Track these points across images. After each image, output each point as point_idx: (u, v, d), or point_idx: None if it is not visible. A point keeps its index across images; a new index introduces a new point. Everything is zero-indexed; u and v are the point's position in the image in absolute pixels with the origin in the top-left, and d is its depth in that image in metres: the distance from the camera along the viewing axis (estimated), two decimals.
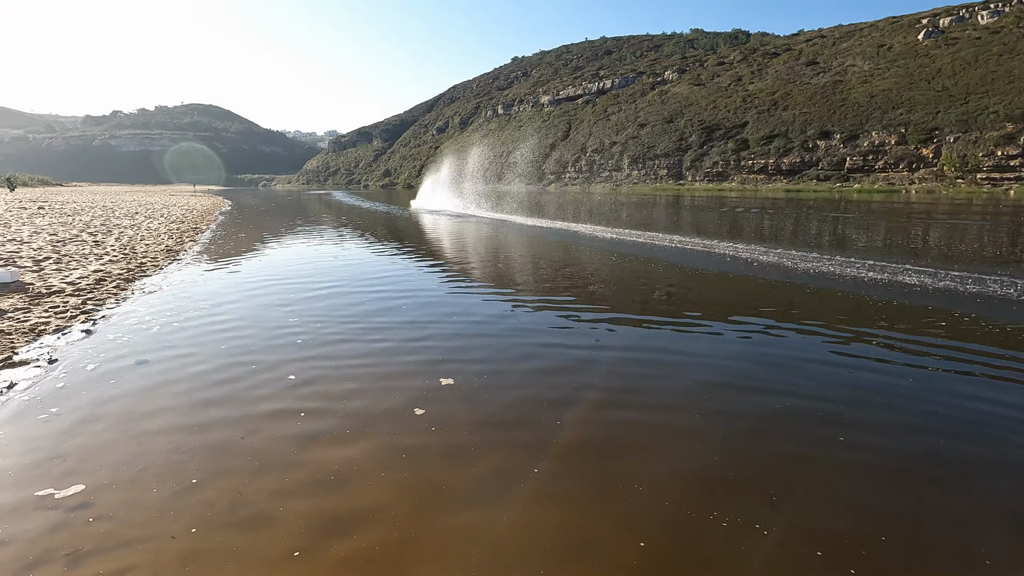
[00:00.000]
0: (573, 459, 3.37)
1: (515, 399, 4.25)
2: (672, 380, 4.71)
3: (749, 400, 4.27)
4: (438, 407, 4.06)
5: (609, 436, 3.67)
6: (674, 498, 2.95)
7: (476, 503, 2.92)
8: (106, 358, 5.06)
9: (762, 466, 3.30)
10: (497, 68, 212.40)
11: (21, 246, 11.47)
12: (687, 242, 14.32)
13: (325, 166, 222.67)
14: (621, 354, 5.39)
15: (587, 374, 4.81)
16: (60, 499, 2.87)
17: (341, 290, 8.47)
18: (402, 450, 3.44)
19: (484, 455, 3.40)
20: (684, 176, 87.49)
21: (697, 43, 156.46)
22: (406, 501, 2.92)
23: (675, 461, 3.35)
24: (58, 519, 2.71)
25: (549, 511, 2.85)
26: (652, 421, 3.90)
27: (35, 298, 7.09)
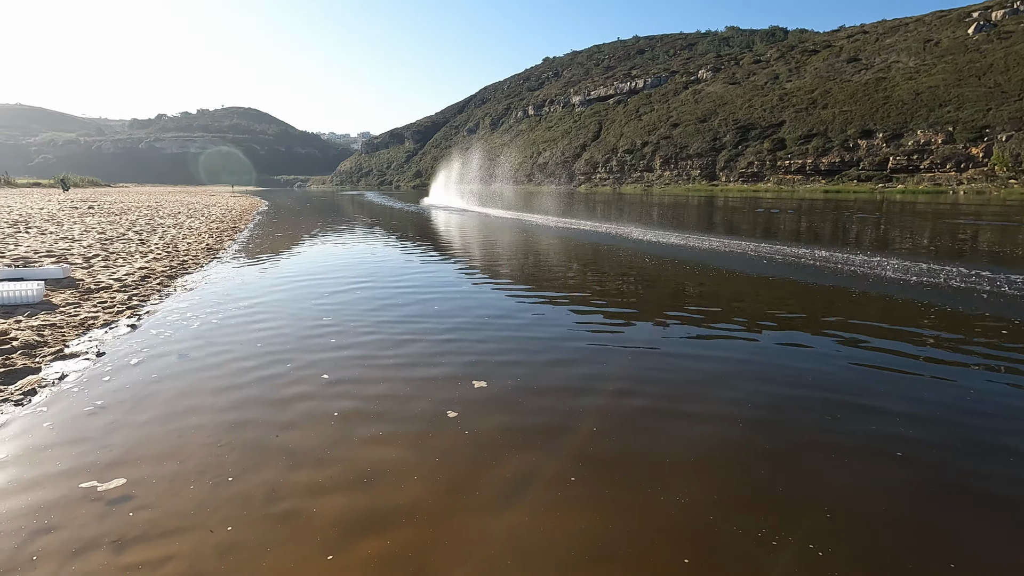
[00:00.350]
0: (606, 466, 3.31)
1: (546, 401, 4.22)
2: (707, 386, 4.60)
3: (791, 408, 4.14)
4: (469, 408, 4.06)
5: (642, 442, 3.60)
6: (708, 509, 2.87)
7: (507, 506, 2.89)
8: (149, 352, 5.24)
9: (806, 481, 3.19)
10: (528, 69, 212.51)
11: (72, 244, 12.00)
12: (721, 243, 14.03)
13: (358, 167, 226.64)
14: (655, 358, 5.29)
15: (621, 380, 4.73)
16: (105, 489, 2.97)
17: (372, 287, 8.58)
18: (433, 450, 3.45)
19: (516, 458, 3.37)
20: (717, 177, 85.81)
21: (732, 41, 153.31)
22: (436, 501, 2.92)
23: (710, 471, 3.27)
24: (103, 508, 2.80)
25: (579, 517, 2.81)
26: (686, 428, 3.81)
27: (85, 293, 7.39)
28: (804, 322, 6.60)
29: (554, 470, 3.23)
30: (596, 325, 6.54)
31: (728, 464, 3.32)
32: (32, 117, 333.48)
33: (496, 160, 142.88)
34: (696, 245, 13.99)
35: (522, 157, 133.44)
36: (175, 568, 2.39)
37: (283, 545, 2.56)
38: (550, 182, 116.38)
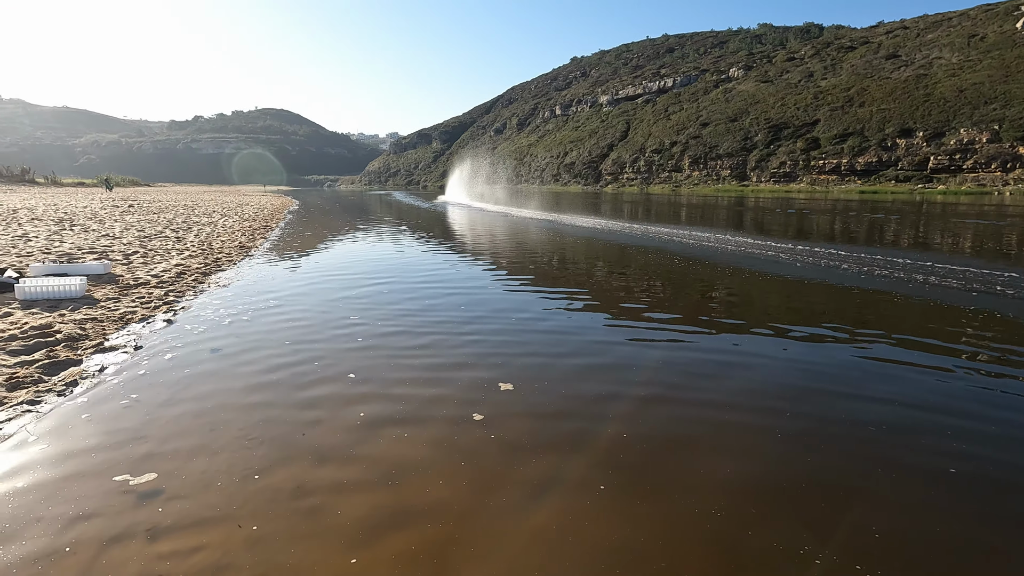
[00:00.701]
0: (633, 472, 3.26)
1: (573, 405, 4.19)
2: (738, 392, 4.50)
3: (817, 409, 4.02)
4: (495, 410, 4.05)
5: (671, 449, 3.54)
6: (738, 519, 2.80)
7: (531, 508, 2.87)
8: (183, 347, 5.38)
9: (842, 495, 3.08)
10: (556, 69, 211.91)
11: (113, 241, 12.44)
12: (752, 244, 13.73)
13: (386, 167, 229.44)
14: (685, 362, 5.20)
15: (650, 384, 4.66)
16: (139, 480, 3.05)
17: (398, 285, 8.66)
18: (457, 448, 3.45)
19: (541, 461, 3.35)
20: (748, 177, 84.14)
21: (765, 38, 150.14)
22: (460, 499, 2.92)
23: (741, 480, 3.19)
24: (137, 499, 2.88)
25: (604, 522, 2.77)
26: (715, 435, 3.73)
27: (124, 289, 7.64)
28: (838, 327, 6.40)
29: (580, 475, 3.19)
30: (623, 326, 6.46)
31: (760, 473, 3.24)
32: (77, 119, 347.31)
33: (522, 160, 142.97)
34: (725, 246, 13.72)
35: (549, 157, 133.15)
36: (205, 558, 2.44)
37: (309, 540, 2.59)
38: (576, 182, 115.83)
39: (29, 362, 4.64)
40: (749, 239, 15.14)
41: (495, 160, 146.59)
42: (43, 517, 2.71)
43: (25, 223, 15.68)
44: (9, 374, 4.34)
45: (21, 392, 4.09)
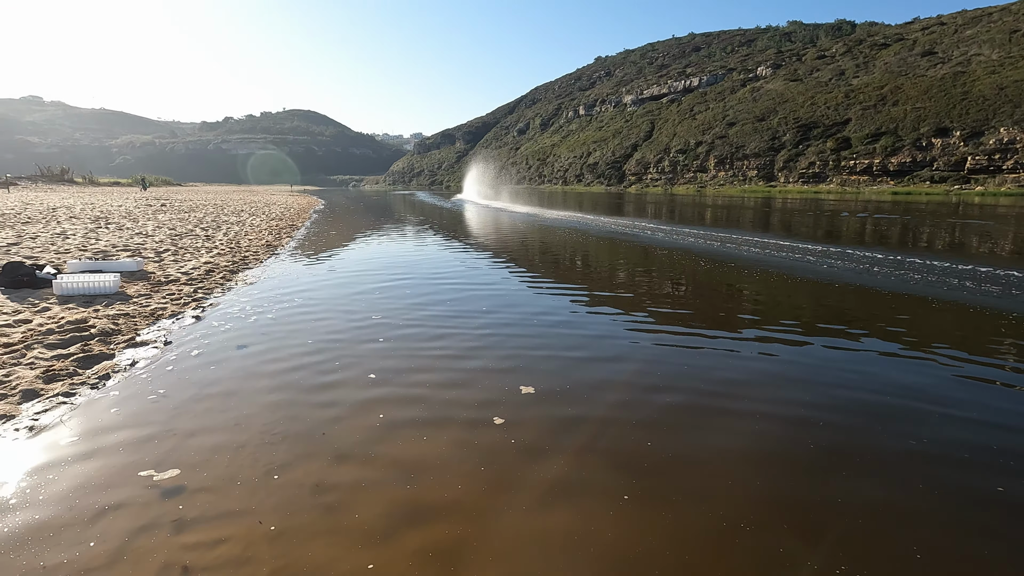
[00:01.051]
0: (654, 478, 3.23)
1: (592, 407, 4.17)
2: (765, 399, 4.41)
3: (851, 420, 3.91)
4: (513, 410, 4.06)
5: (695, 458, 3.49)
6: (761, 527, 2.75)
7: (548, 511, 2.86)
8: (211, 343, 5.51)
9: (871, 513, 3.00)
10: (580, 68, 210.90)
11: (146, 239, 12.80)
12: (779, 245, 13.46)
13: (410, 167, 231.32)
14: (713, 369, 5.12)
15: (678, 392, 4.60)
16: (166, 474, 3.14)
17: (419, 285, 8.71)
18: (476, 448, 3.46)
19: (559, 463, 3.34)
20: (776, 177, 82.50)
21: (795, 36, 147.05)
22: (478, 499, 2.92)
23: (765, 489, 3.13)
24: (164, 490, 2.96)
25: (622, 526, 2.75)
26: (741, 442, 3.67)
27: (155, 285, 7.86)
28: (873, 331, 6.23)
29: (598, 481, 3.17)
30: (647, 330, 6.39)
31: (788, 486, 3.17)
32: (114, 121, 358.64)
33: (545, 161, 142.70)
34: (752, 248, 13.48)
35: (572, 157, 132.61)
36: (228, 550, 2.50)
37: (328, 536, 2.62)
38: (599, 183, 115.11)
39: (65, 355, 4.81)
40: (777, 240, 14.84)
41: (505, 163, 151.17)
42: (75, 506, 2.81)
43: (63, 221, 16.25)
44: (46, 367, 4.50)
45: (57, 384, 4.24)
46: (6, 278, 7.09)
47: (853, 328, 6.37)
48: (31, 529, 2.62)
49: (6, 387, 4.08)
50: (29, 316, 5.88)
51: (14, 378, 4.24)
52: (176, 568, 2.38)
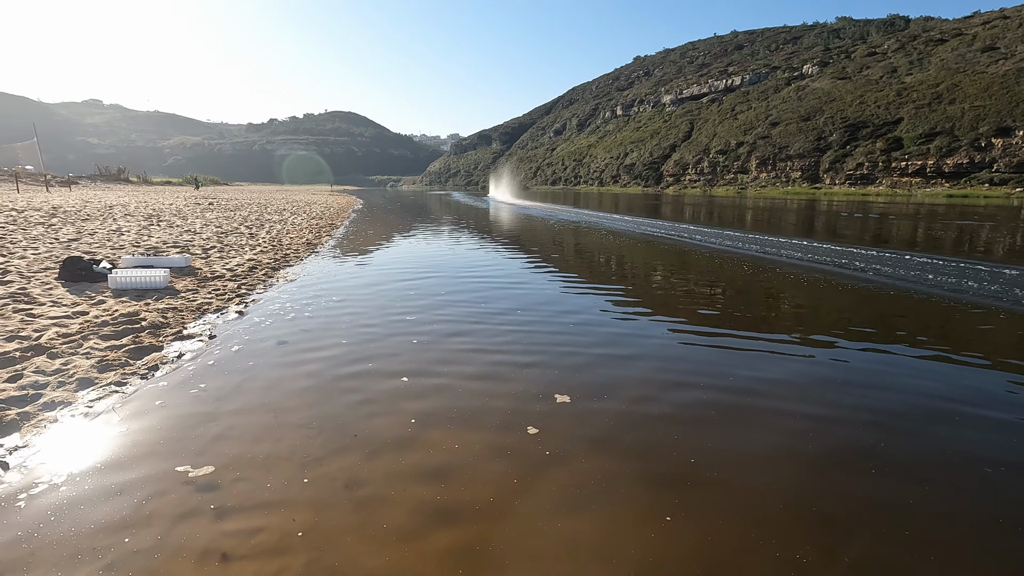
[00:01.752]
0: (690, 489, 3.16)
1: (631, 420, 4.11)
2: (805, 412, 4.27)
3: (910, 435, 3.75)
4: (546, 410, 4.05)
5: (737, 472, 3.41)
6: (798, 544, 2.66)
7: (577, 512, 2.84)
8: (253, 337, 5.69)
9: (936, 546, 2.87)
10: (617, 69, 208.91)
11: (194, 236, 13.33)
12: (824, 249, 13.00)
13: (446, 168, 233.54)
14: (758, 380, 4.99)
15: (709, 396, 4.51)
16: (209, 462, 3.25)
17: (454, 285, 8.78)
18: (506, 449, 3.47)
19: (591, 464, 3.31)
20: (821, 179, 79.75)
21: (844, 32, 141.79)
22: (506, 501, 2.93)
23: (807, 505, 3.03)
24: (208, 479, 3.07)
25: (653, 534, 2.70)
26: (783, 457, 3.56)
27: (202, 281, 8.17)
28: (925, 343, 5.95)
29: (631, 486, 3.13)
30: (689, 338, 6.27)
31: (833, 503, 3.06)
32: (166, 122, 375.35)
33: (581, 162, 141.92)
34: (797, 252, 13.06)
35: (608, 158, 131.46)
36: (266, 539, 2.57)
37: (360, 530, 2.67)
38: (636, 184, 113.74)
39: (118, 346, 5.05)
40: (825, 245, 14.34)
41: (541, 164, 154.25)
42: (124, 490, 2.94)
43: (119, 218, 17.08)
44: (100, 356, 4.74)
45: (110, 374, 4.45)
46: (67, 272, 7.49)
47: (902, 335, 6.09)
48: (82, 512, 2.76)
49: (64, 375, 4.31)
50: (86, 308, 6.20)
51: (72, 367, 4.48)
52: (216, 554, 2.46)
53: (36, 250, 9.77)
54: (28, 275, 7.61)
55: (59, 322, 5.59)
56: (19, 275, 7.57)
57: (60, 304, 6.29)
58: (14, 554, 2.45)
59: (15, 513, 2.73)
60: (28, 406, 3.77)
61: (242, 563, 2.42)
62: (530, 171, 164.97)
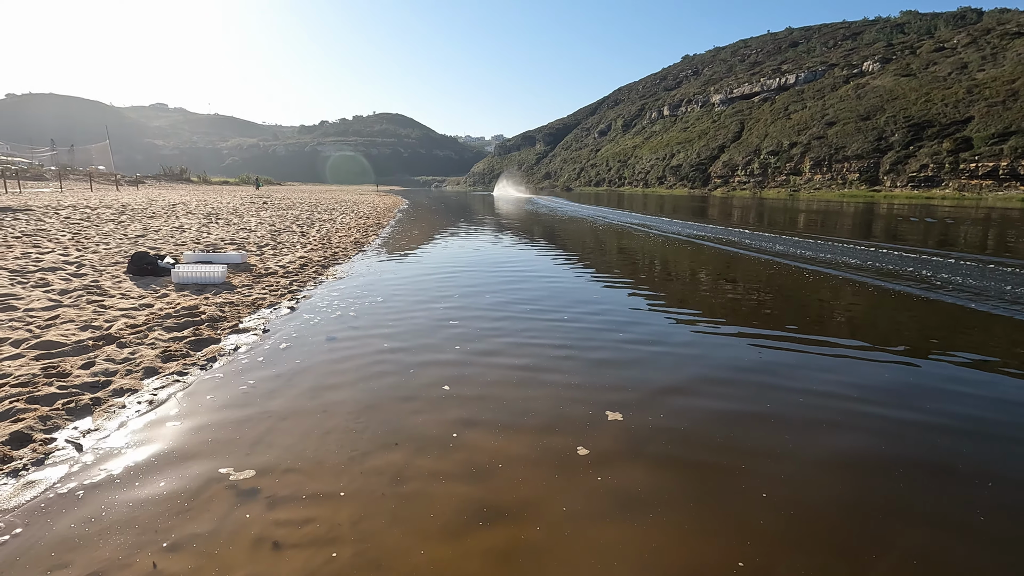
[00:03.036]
0: (740, 497, 3.06)
1: (676, 419, 4.03)
2: (871, 430, 4.08)
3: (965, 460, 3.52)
4: (591, 414, 4.01)
5: (804, 496, 3.28)
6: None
7: (619, 519, 2.80)
8: (303, 332, 5.88)
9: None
10: (665, 68, 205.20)
11: (249, 234, 13.90)
12: (884, 255, 12.37)
13: (490, 168, 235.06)
14: (825, 397, 4.81)
15: (783, 428, 4.36)
16: (263, 451, 3.38)
17: (496, 286, 8.81)
18: (551, 450, 3.45)
19: (637, 471, 3.26)
20: (880, 181, 75.93)
21: (908, 27, 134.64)
22: (550, 503, 2.91)
23: (869, 543, 2.88)
24: (260, 469, 3.19)
25: (701, 547, 2.63)
26: (848, 485, 3.41)
27: (256, 277, 8.51)
28: (979, 361, 5.57)
29: (676, 494, 3.06)
30: (751, 351, 6.09)
31: (890, 532, 2.91)
32: (225, 125, 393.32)
33: (626, 163, 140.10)
34: (865, 260, 12.49)
35: (654, 159, 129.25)
36: (315, 530, 2.65)
37: (405, 524, 2.71)
38: (683, 185, 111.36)
39: (179, 338, 5.31)
40: (902, 252, 13.65)
41: (584, 165, 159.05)
42: (184, 475, 3.09)
43: (181, 216, 17.99)
44: (164, 347, 5.00)
45: (172, 364, 4.69)
46: (134, 266, 7.95)
47: (973, 351, 5.72)
48: (146, 494, 2.91)
49: (132, 364, 4.57)
50: (151, 301, 6.55)
51: (138, 356, 4.74)
52: (268, 542, 2.55)
53: (107, 245, 10.40)
54: (100, 268, 8.12)
55: (127, 313, 5.93)
56: (92, 268, 8.07)
57: (128, 296, 6.68)
58: (86, 530, 2.61)
59: (86, 492, 2.91)
60: (99, 392, 4.02)
61: (293, 551, 2.50)
62: (574, 172, 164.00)
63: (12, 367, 4.25)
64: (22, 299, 6.12)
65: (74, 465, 3.15)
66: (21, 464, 3.09)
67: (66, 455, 3.24)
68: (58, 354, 4.61)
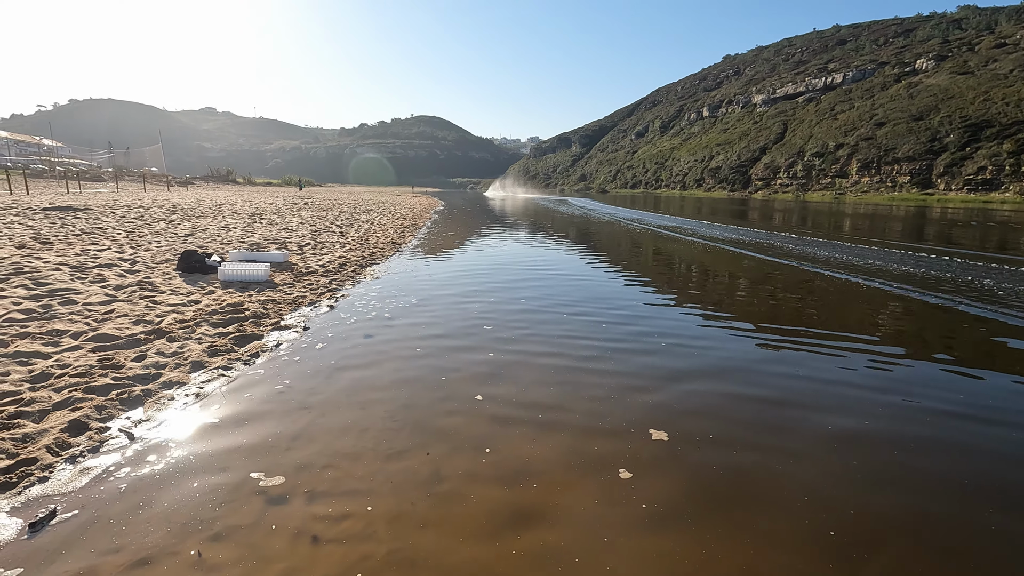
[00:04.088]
0: (785, 511, 2.96)
1: (718, 428, 3.92)
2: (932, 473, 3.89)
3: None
4: (628, 421, 3.94)
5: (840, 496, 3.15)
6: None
7: (657, 530, 2.73)
8: (342, 331, 5.99)
9: None
10: (705, 68, 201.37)
11: (291, 233, 14.29)
12: (936, 263, 11.79)
13: (525, 170, 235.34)
14: (883, 419, 4.62)
15: (811, 422, 4.21)
16: (302, 447, 3.45)
17: (531, 289, 8.78)
18: (588, 455, 3.41)
19: (677, 480, 3.18)
20: (934, 184, 72.58)
21: (966, 23, 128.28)
22: (586, 510, 2.87)
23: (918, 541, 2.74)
24: (300, 464, 3.25)
25: (744, 558, 2.54)
26: (910, 520, 3.25)
27: (297, 276, 8.73)
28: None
29: (723, 512, 2.98)
30: (807, 367, 5.91)
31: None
32: (269, 128, 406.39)
33: (663, 165, 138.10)
34: (898, 265, 11.95)
35: (692, 161, 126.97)
36: (352, 526, 2.68)
37: (439, 525, 2.72)
38: (722, 188, 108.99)
39: (225, 333, 5.49)
40: (928, 255, 13.02)
41: (621, 167, 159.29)
42: (228, 467, 3.18)
43: (227, 216, 18.65)
44: (210, 342, 5.17)
45: (218, 359, 4.85)
46: (183, 263, 8.27)
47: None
48: (192, 484, 3.01)
49: (180, 358, 4.74)
50: (199, 297, 6.80)
51: (186, 350, 4.92)
52: (307, 536, 2.60)
53: (159, 243, 10.86)
54: (152, 265, 8.48)
55: (176, 309, 6.17)
56: (145, 265, 8.44)
57: (177, 292, 6.95)
58: (135, 517, 2.71)
59: (136, 480, 3.03)
60: (150, 384, 4.19)
61: (331, 547, 2.54)
62: (609, 174, 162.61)
63: (71, 358, 4.48)
64: (81, 293, 6.44)
65: (126, 453, 3.29)
66: (78, 451, 3.25)
67: (119, 444, 3.39)
68: (113, 347, 4.83)
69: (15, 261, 7.85)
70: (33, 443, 3.24)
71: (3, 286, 6.41)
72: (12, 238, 10.04)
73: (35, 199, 21.19)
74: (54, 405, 3.67)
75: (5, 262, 7.73)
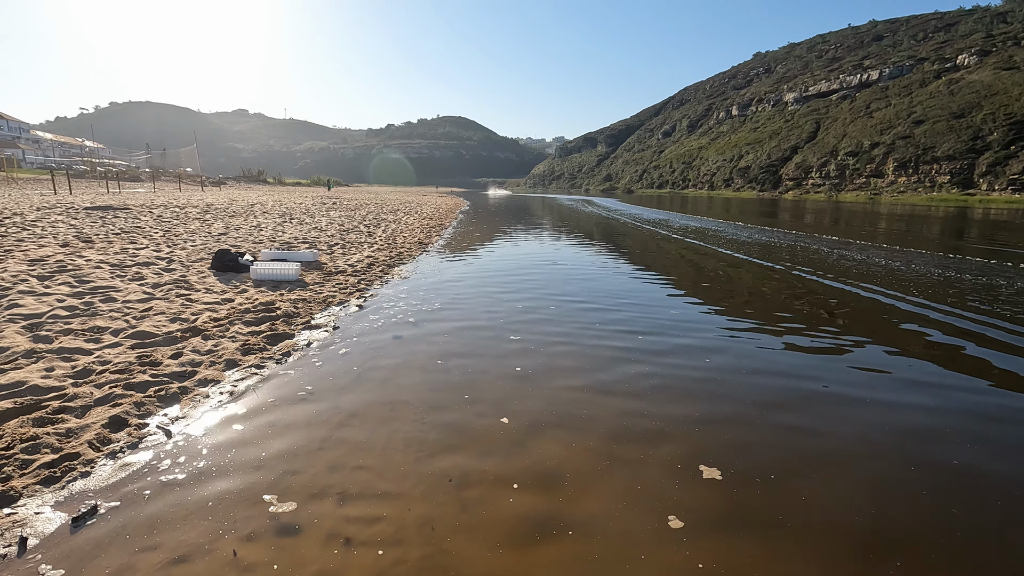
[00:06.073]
0: (817, 525, 2.85)
1: (751, 434, 3.81)
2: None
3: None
4: (662, 425, 3.86)
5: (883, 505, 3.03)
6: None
7: (692, 541, 2.66)
8: (371, 330, 6.03)
9: None
10: (735, 66, 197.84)
11: (320, 233, 14.50)
12: (977, 267, 11.31)
13: (550, 170, 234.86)
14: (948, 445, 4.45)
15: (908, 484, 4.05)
16: (335, 447, 3.46)
17: (558, 285, 8.71)
18: (620, 460, 3.34)
19: (713, 488, 3.10)
20: (975, 184, 69.91)
21: (1012, 16, 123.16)
22: (618, 518, 2.81)
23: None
24: (332, 464, 3.27)
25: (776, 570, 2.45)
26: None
27: (327, 275, 8.83)
28: None
29: (759, 525, 2.88)
30: (867, 394, 5.73)
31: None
32: (298, 129, 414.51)
33: (690, 164, 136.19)
34: (943, 271, 11.50)
35: (720, 160, 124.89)
36: (383, 529, 2.68)
37: (470, 531, 2.69)
38: (751, 188, 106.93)
39: (257, 332, 5.57)
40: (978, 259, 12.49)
41: (647, 166, 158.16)
42: (263, 464, 3.21)
43: (259, 216, 19.03)
44: (244, 341, 5.26)
45: (251, 357, 4.92)
46: (217, 263, 8.44)
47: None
48: (226, 481, 3.05)
49: (215, 356, 4.83)
50: (232, 296, 6.93)
51: (220, 348, 5.01)
52: (339, 538, 2.60)
53: (194, 243, 11.13)
54: (187, 264, 8.68)
55: (211, 307, 6.29)
56: (180, 264, 8.65)
57: (212, 291, 7.10)
58: (172, 515, 2.75)
59: (173, 477, 3.08)
60: (186, 381, 4.27)
61: (363, 550, 2.53)
62: (635, 174, 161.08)
63: (112, 355, 4.60)
64: (120, 291, 6.62)
65: (163, 450, 3.35)
66: (118, 447, 3.32)
67: (157, 440, 3.45)
68: (151, 344, 4.95)
69: (59, 259, 8.13)
70: (76, 438, 3.33)
71: (48, 283, 6.63)
72: (56, 236, 10.42)
73: (77, 199, 21.99)
74: (95, 401, 3.77)
75: (50, 260, 8.01)
